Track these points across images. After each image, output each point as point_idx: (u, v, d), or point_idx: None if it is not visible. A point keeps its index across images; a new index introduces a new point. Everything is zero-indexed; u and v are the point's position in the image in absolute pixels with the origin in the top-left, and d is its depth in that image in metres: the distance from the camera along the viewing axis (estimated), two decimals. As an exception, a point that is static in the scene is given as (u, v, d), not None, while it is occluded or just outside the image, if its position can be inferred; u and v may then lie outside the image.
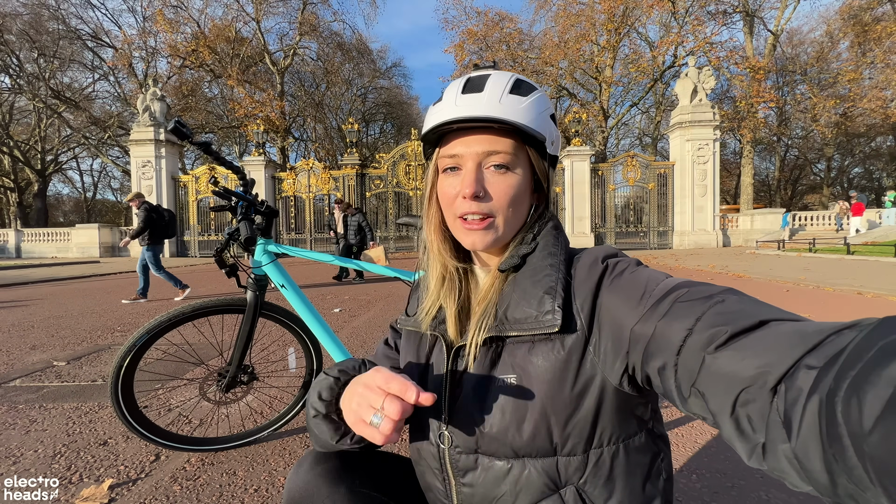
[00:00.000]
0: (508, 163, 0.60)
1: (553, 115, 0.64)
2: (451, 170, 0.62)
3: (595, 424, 0.56)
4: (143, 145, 17.46)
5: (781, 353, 0.34)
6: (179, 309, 1.55)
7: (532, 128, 0.59)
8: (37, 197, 27.79)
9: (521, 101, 0.59)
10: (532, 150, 0.62)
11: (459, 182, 0.61)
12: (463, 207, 0.61)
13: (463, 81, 0.62)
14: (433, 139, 0.64)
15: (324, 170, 17.52)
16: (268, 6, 26.59)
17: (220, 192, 1.53)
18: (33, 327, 4.39)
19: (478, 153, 0.60)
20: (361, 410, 0.53)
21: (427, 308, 0.68)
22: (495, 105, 0.58)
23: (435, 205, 0.67)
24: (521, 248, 0.63)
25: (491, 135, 0.59)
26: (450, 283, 0.67)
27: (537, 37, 26.67)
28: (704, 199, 16.95)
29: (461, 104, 0.59)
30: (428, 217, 0.68)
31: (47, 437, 1.93)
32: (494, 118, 0.57)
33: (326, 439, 0.64)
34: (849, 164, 35.90)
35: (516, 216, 0.63)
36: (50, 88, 25.54)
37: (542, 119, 0.61)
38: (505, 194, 0.60)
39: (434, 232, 0.67)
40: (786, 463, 0.31)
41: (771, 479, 1.53)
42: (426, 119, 0.65)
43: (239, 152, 30.16)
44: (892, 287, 5.87)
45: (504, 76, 0.61)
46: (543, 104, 0.62)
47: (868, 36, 23.54)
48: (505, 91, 0.59)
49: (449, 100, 0.61)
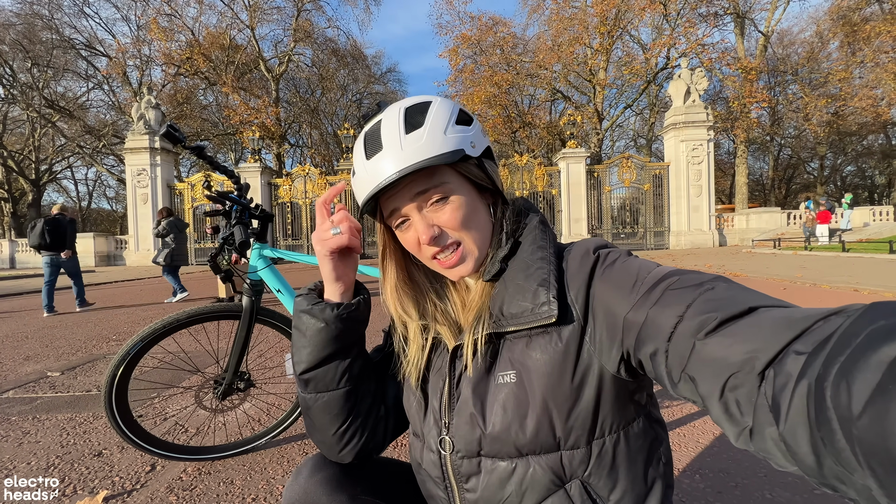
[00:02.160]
0: (443, 192, 0.59)
1: (461, 112, 0.61)
2: (403, 223, 0.62)
3: (596, 414, 0.56)
4: (138, 153, 17.41)
5: (769, 338, 0.35)
6: (174, 315, 1.53)
7: (441, 154, 0.56)
8: (31, 207, 27.59)
9: (419, 137, 0.56)
10: (458, 163, 0.59)
11: (415, 231, 0.61)
12: (430, 250, 0.61)
13: (362, 143, 0.61)
14: (371, 209, 0.64)
15: (320, 175, 17.53)
16: (262, 13, 26.67)
17: (214, 196, 1.51)
18: (27, 338, 4.34)
19: (412, 199, 0.59)
20: (321, 233, 0.65)
21: (412, 360, 0.67)
22: (398, 156, 0.56)
23: (389, 263, 0.68)
24: (498, 252, 0.62)
25: (414, 178, 0.58)
26: (425, 329, 0.66)
27: (531, 41, 26.82)
28: (700, 199, 17.03)
29: (371, 170, 0.58)
30: (383, 278, 0.68)
31: (41, 448, 1.89)
32: (405, 171, 0.55)
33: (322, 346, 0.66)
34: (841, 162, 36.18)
35: (479, 230, 0.62)
36: (44, 98, 25.45)
37: (449, 135, 0.57)
38: (455, 221, 0.60)
39: (391, 292, 0.67)
40: (772, 445, 0.32)
41: (774, 478, 1.52)
42: (355, 194, 0.64)
43: (235, 159, 30.09)
44: (887, 283, 5.89)
45: (392, 117, 0.59)
46: (442, 117, 0.58)
47: (857, 36, 23.79)
48: (401, 135, 0.57)
49: (360, 170, 0.60)
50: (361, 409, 0.68)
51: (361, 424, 0.68)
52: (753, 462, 1.63)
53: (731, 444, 1.77)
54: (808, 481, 0.31)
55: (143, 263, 17.31)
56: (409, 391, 0.69)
